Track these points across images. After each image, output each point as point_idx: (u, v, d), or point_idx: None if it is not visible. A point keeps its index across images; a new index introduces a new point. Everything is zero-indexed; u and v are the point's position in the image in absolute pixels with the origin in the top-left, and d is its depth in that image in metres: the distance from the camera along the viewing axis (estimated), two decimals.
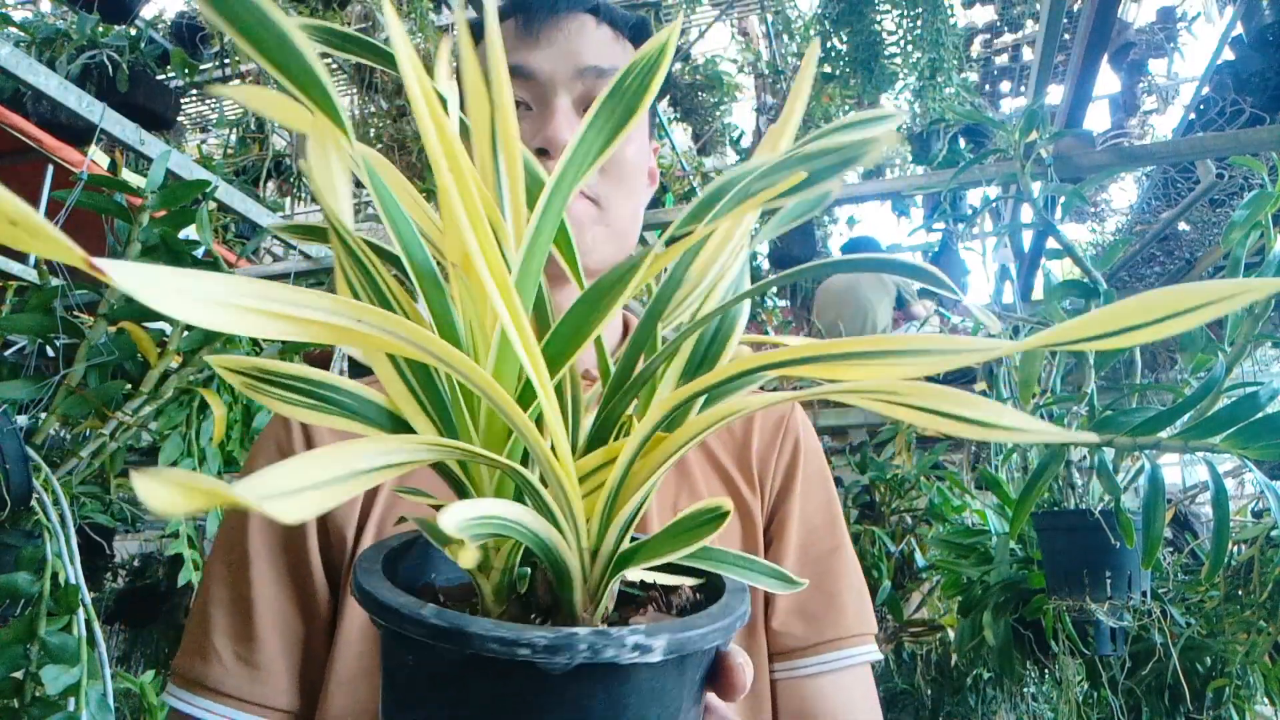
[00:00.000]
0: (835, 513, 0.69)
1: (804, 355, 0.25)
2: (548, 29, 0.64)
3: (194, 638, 0.59)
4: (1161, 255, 3.25)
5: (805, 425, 0.72)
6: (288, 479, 0.19)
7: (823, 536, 0.67)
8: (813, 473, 0.69)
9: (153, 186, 1.40)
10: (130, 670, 3.16)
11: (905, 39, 3.56)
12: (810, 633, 0.63)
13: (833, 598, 0.65)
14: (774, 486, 0.68)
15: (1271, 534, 1.37)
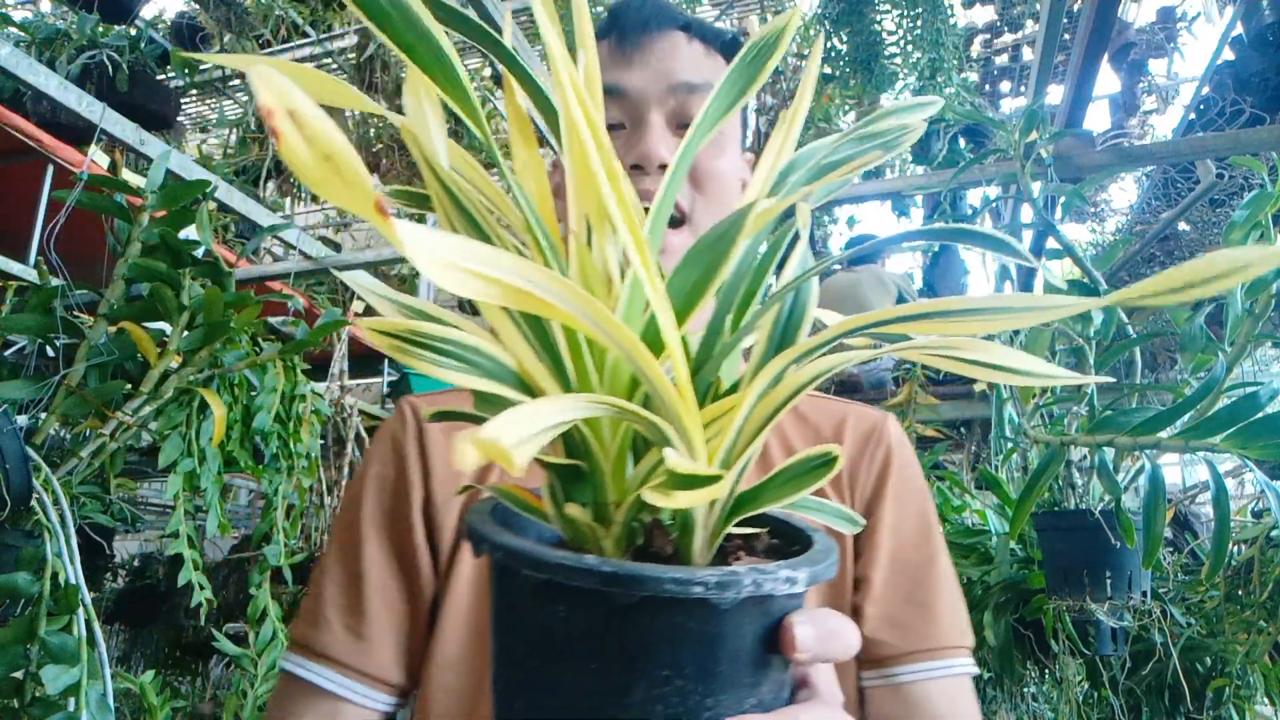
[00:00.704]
0: (930, 525, 0.67)
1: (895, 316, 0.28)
2: (640, 48, 0.65)
3: (309, 608, 0.64)
4: (1161, 255, 3.25)
5: (900, 437, 0.70)
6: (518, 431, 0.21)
7: (915, 547, 0.66)
8: (906, 483, 0.68)
9: (153, 186, 1.40)
10: (130, 670, 3.16)
11: (905, 39, 3.56)
12: (903, 641, 0.62)
13: (926, 608, 0.63)
14: (863, 494, 0.67)
15: (1271, 534, 1.37)
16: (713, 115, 0.33)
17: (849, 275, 4.43)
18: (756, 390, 0.29)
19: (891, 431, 0.70)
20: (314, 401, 1.69)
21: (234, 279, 1.48)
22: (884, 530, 0.65)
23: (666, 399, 0.27)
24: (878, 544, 0.65)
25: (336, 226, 6.37)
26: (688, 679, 0.28)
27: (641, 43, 0.65)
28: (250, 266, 2.63)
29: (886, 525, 0.65)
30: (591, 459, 0.31)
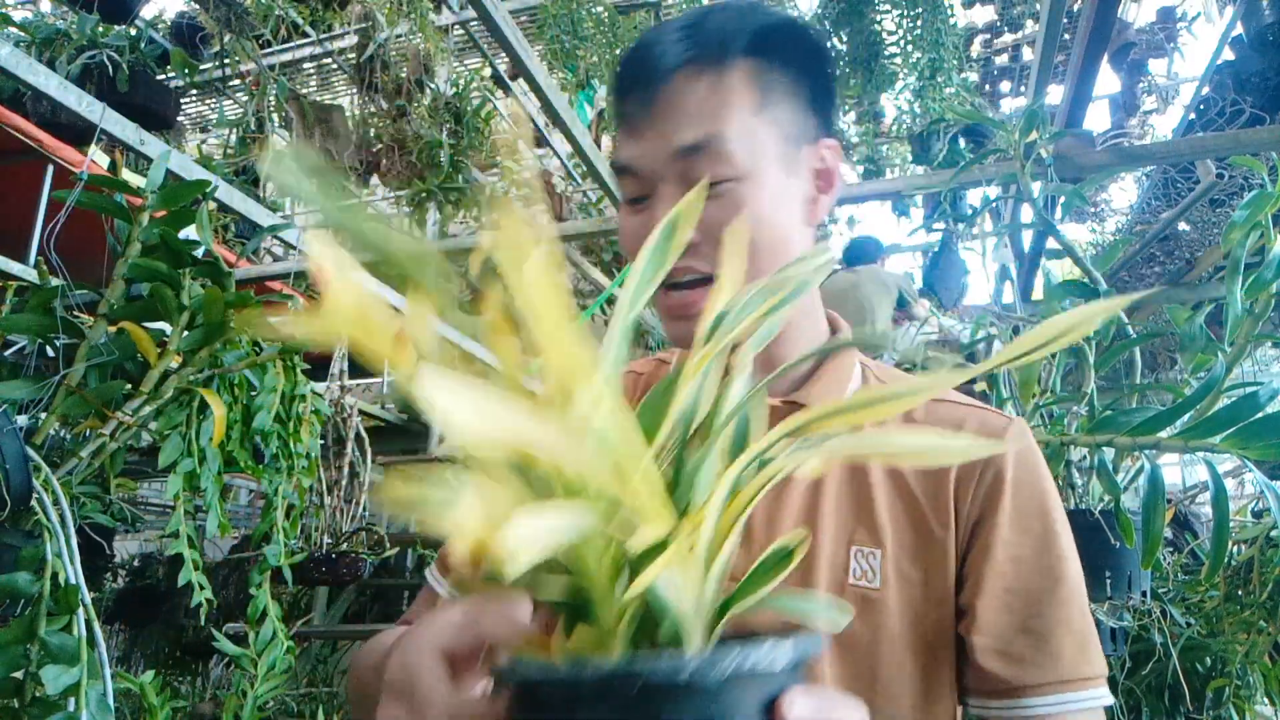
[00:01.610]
0: (1054, 548, 0.62)
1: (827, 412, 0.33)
2: (641, 115, 0.63)
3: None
4: (1161, 255, 3.25)
5: (1021, 452, 0.65)
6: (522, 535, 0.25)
7: (1033, 574, 0.61)
8: (1024, 505, 0.63)
9: (153, 186, 1.40)
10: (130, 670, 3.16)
11: (905, 39, 3.56)
12: (1017, 675, 0.59)
13: (1043, 640, 0.59)
14: (970, 518, 0.62)
15: (1271, 534, 1.37)
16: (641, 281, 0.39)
17: (850, 276, 4.43)
18: (719, 496, 0.34)
19: (1009, 446, 0.64)
20: (314, 401, 1.69)
21: (234, 279, 1.48)
22: (994, 556, 0.61)
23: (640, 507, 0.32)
24: (987, 571, 0.61)
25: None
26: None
27: (642, 108, 0.63)
28: (250, 266, 2.63)
29: (998, 551, 0.61)
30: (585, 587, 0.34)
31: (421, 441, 4.21)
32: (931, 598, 0.61)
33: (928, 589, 0.61)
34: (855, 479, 0.64)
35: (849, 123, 5.08)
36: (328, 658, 3.75)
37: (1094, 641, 0.61)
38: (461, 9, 3.58)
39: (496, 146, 3.43)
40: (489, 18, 1.80)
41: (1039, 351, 0.30)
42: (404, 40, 3.14)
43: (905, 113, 3.90)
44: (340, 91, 4.59)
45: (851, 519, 0.63)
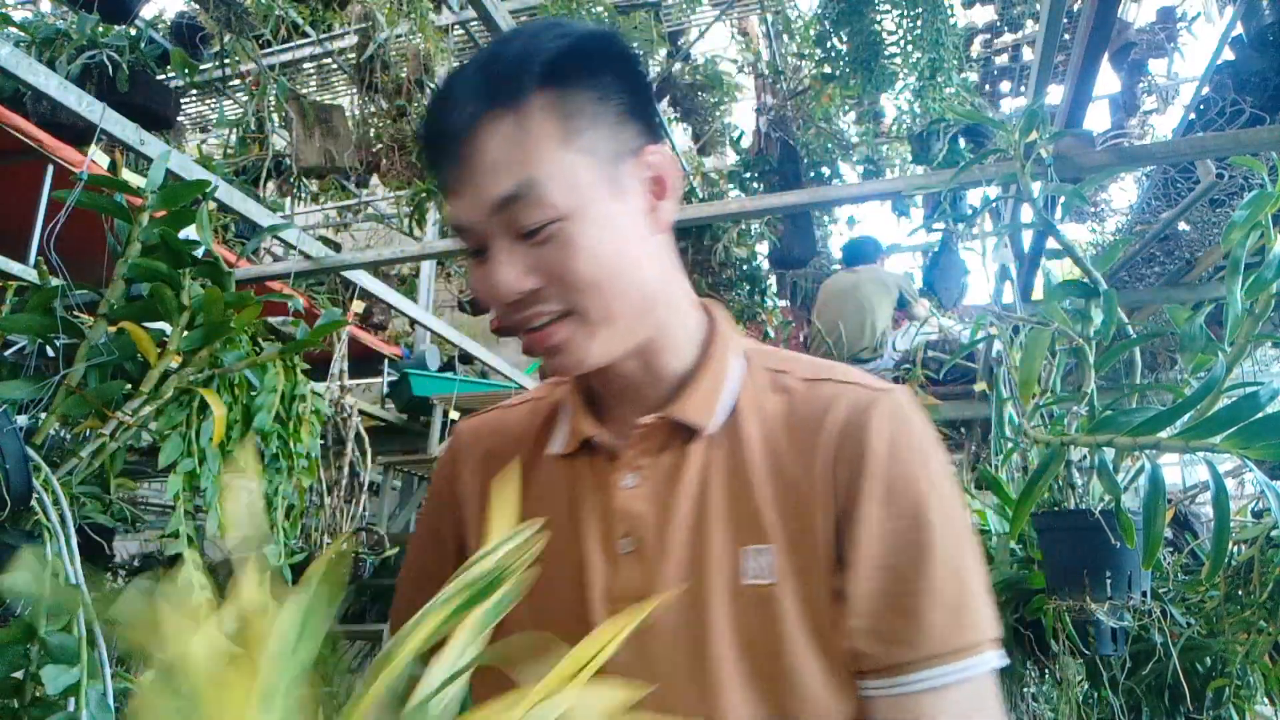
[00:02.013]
0: (924, 523, 0.60)
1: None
2: (454, 172, 0.60)
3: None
4: (1161, 255, 3.25)
5: (885, 425, 0.62)
6: None
7: (901, 549, 0.60)
8: (891, 481, 0.61)
9: (153, 186, 1.40)
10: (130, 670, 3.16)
11: (905, 39, 3.55)
12: (888, 653, 0.59)
13: (913, 615, 0.59)
14: (841, 499, 0.61)
15: (1271, 534, 1.37)
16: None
17: (850, 276, 4.44)
18: None
19: (874, 422, 0.62)
20: (314, 401, 1.69)
21: (234, 279, 1.48)
22: (863, 539, 0.60)
23: None
24: (858, 555, 0.60)
25: (336, 227, 6.36)
26: None
27: (454, 168, 0.60)
28: (250, 266, 2.63)
29: (866, 532, 0.60)
30: None
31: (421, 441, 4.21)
32: (822, 585, 0.60)
33: (818, 577, 0.60)
34: (738, 478, 0.63)
35: (849, 123, 5.08)
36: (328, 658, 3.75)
37: (972, 609, 0.60)
38: (461, 9, 3.58)
39: None
40: (489, 18, 1.80)
41: None
42: (404, 40, 3.14)
43: (905, 113, 3.90)
44: (340, 91, 4.59)
45: (738, 519, 0.62)
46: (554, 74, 0.59)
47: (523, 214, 0.58)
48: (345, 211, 6.10)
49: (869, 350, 4.03)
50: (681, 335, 0.68)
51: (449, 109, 0.60)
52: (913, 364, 2.92)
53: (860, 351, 4.01)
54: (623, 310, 0.61)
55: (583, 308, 0.60)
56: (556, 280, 0.59)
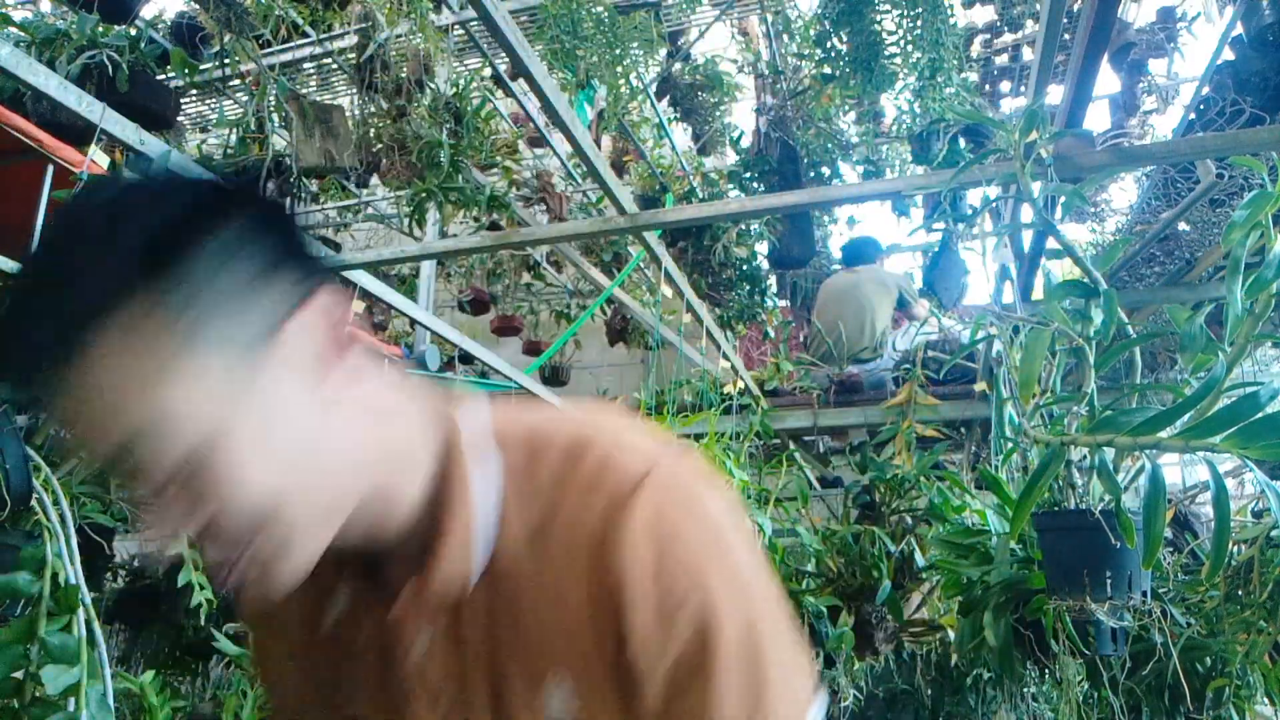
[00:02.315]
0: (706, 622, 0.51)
1: None
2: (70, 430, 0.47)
3: None
4: (1161, 255, 3.25)
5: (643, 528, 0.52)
6: None
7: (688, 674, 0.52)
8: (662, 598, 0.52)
9: None
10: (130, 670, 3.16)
11: (905, 39, 3.55)
12: None
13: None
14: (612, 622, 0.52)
15: (1271, 534, 1.37)
16: None
17: (850, 276, 4.43)
18: None
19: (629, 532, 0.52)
20: None
21: None
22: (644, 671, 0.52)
23: None
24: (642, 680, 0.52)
25: (336, 227, 6.37)
26: None
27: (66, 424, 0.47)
28: None
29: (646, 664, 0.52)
30: None
31: None
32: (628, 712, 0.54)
33: (617, 703, 0.54)
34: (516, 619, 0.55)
35: (849, 123, 5.08)
36: None
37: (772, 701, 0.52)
38: (461, 9, 3.58)
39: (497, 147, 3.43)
40: (489, 18, 1.80)
41: None
42: (404, 40, 3.14)
43: (905, 113, 3.90)
44: (340, 91, 4.59)
45: (529, 659, 0.55)
46: (156, 268, 0.44)
47: (163, 458, 0.45)
48: (345, 211, 6.11)
49: (869, 350, 4.03)
50: (409, 487, 0.56)
51: (35, 361, 0.45)
52: (913, 364, 2.92)
53: (860, 351, 4.01)
54: (318, 504, 0.51)
55: (269, 528, 0.48)
56: (231, 514, 0.47)
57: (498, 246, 2.40)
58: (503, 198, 3.27)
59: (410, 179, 3.10)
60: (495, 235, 2.45)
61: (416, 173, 3.09)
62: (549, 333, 5.99)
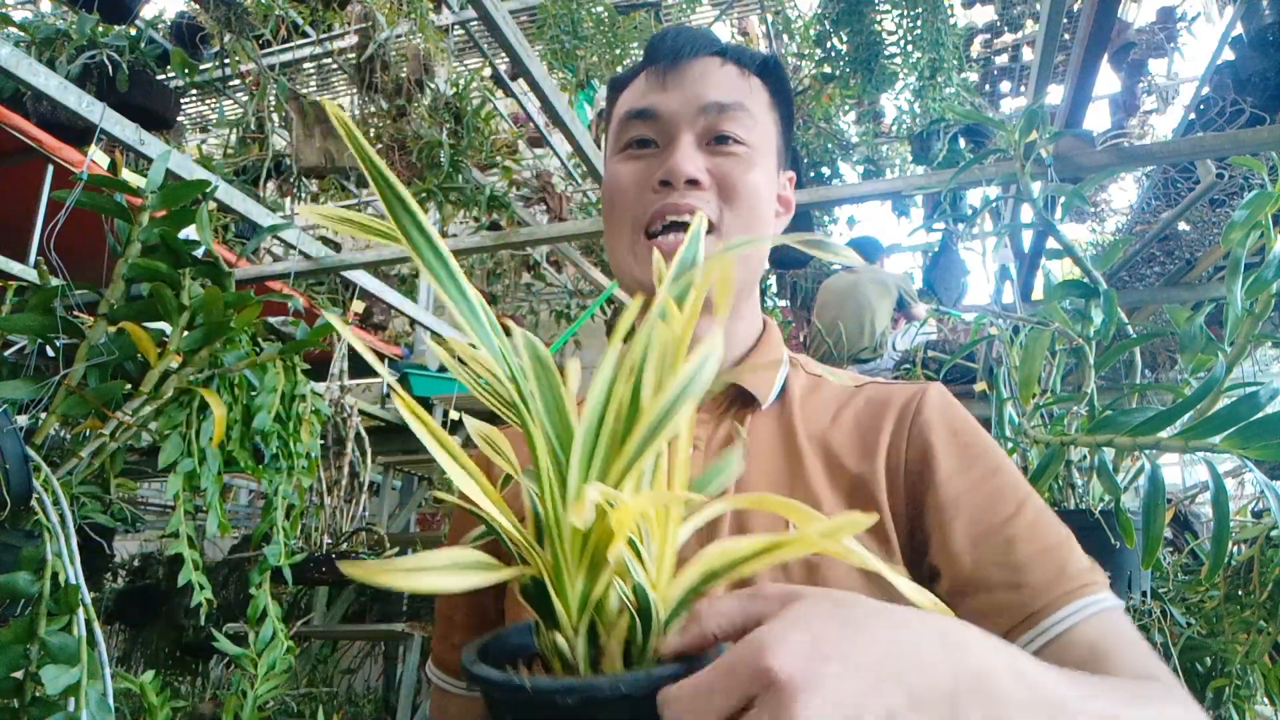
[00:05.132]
0: (1001, 482, 0.61)
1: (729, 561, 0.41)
2: (673, 74, 0.70)
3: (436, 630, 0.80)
4: (1161, 255, 3.25)
5: (939, 404, 0.66)
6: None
7: (988, 512, 0.60)
8: (959, 449, 0.63)
9: (153, 186, 1.40)
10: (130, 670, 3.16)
11: (905, 39, 3.55)
12: (1007, 620, 0.57)
13: (1018, 571, 0.57)
14: (909, 483, 0.63)
15: (1271, 534, 1.37)
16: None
17: (850, 276, 4.43)
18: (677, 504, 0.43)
19: (929, 403, 0.66)
20: (314, 401, 1.69)
21: (234, 279, 1.48)
22: (947, 509, 0.60)
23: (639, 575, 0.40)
24: (947, 527, 0.59)
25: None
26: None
27: (676, 68, 0.70)
28: (250, 266, 2.63)
29: (949, 503, 0.60)
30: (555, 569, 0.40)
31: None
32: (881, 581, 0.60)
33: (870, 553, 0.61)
34: (790, 453, 0.66)
35: (849, 123, 5.08)
36: (328, 658, 3.75)
37: (1069, 553, 0.59)
38: (461, 9, 3.58)
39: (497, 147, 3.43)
40: (489, 18, 1.80)
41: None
42: (404, 40, 3.14)
43: (905, 113, 3.90)
44: (340, 91, 4.58)
45: (789, 490, 0.64)
46: (769, 76, 0.73)
47: (727, 123, 0.68)
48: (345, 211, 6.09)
49: (869, 350, 4.03)
50: (750, 313, 0.75)
51: (693, 34, 0.71)
52: (913, 364, 2.92)
53: (860, 351, 4.01)
54: (747, 255, 0.69)
55: (727, 224, 0.67)
56: (724, 183, 0.67)
57: (498, 246, 2.40)
58: (503, 198, 3.27)
59: (410, 179, 3.10)
60: (495, 235, 2.45)
61: (416, 173, 3.09)
62: (549, 332, 5.99)
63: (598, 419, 0.40)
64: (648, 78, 0.72)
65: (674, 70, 0.70)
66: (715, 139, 0.68)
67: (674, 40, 0.71)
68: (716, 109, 0.68)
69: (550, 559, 0.39)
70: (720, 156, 0.68)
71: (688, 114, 0.68)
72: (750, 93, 0.70)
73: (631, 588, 0.39)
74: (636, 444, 0.38)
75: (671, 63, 0.70)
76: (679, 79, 0.69)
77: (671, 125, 0.69)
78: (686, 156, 0.66)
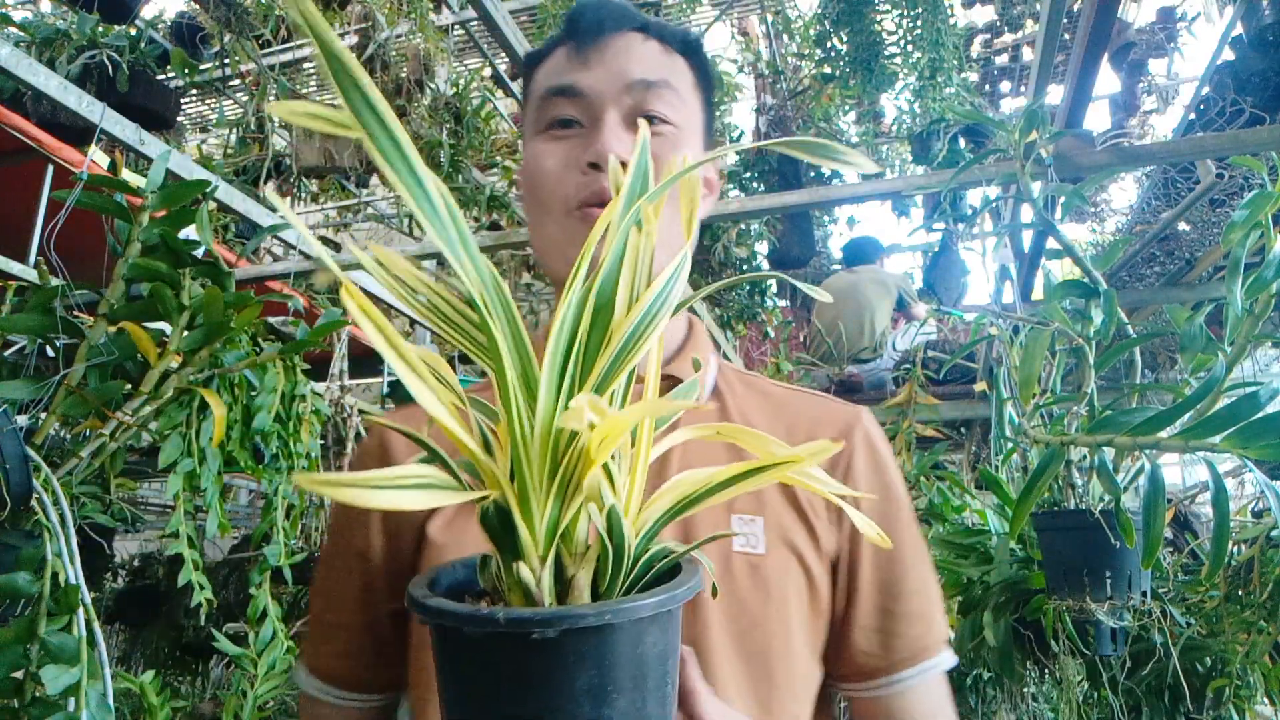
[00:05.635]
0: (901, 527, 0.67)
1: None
2: (595, 50, 0.67)
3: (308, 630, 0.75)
4: (1161, 255, 3.25)
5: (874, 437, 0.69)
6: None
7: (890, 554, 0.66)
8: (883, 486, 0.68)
9: (153, 186, 1.40)
10: (130, 670, 3.16)
11: (905, 39, 3.56)
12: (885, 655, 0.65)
13: (903, 618, 0.65)
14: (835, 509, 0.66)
15: (1271, 534, 1.37)
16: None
17: (849, 276, 4.43)
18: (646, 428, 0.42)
19: (859, 435, 0.69)
20: (314, 401, 1.69)
21: (234, 279, 1.48)
22: (866, 543, 0.65)
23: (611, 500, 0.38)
24: (862, 557, 0.65)
25: (336, 227, 6.36)
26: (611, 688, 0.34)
27: (598, 43, 0.67)
28: (250, 266, 2.63)
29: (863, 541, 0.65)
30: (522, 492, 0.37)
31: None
32: (809, 571, 0.64)
33: (805, 563, 0.64)
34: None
35: (849, 123, 5.08)
36: None
37: (941, 605, 0.68)
38: (461, 9, 3.58)
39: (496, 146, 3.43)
40: (489, 18, 1.80)
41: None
42: (404, 40, 3.14)
43: (905, 113, 3.90)
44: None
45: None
46: (693, 56, 0.71)
47: (653, 101, 0.65)
48: (345, 211, 6.10)
49: (869, 350, 4.03)
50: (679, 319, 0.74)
51: (617, 8, 0.69)
52: (913, 364, 2.92)
53: (860, 351, 4.01)
54: (669, 238, 0.65)
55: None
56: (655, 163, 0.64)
57: (498, 246, 2.40)
58: (503, 198, 3.27)
59: None
60: (495, 235, 2.45)
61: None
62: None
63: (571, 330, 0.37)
64: (567, 53, 0.68)
65: (596, 45, 0.66)
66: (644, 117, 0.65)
67: (595, 13, 0.68)
68: (643, 86, 0.65)
69: (517, 482, 0.36)
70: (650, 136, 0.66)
71: (612, 92, 0.65)
72: (675, 71, 0.68)
73: (606, 513, 0.37)
74: (610, 358, 0.36)
75: (593, 37, 0.67)
76: (601, 54, 0.66)
77: (596, 104, 0.66)
78: (615, 138, 0.64)
